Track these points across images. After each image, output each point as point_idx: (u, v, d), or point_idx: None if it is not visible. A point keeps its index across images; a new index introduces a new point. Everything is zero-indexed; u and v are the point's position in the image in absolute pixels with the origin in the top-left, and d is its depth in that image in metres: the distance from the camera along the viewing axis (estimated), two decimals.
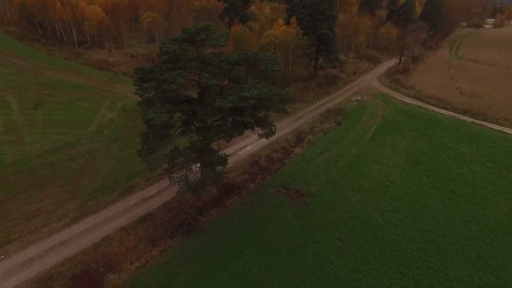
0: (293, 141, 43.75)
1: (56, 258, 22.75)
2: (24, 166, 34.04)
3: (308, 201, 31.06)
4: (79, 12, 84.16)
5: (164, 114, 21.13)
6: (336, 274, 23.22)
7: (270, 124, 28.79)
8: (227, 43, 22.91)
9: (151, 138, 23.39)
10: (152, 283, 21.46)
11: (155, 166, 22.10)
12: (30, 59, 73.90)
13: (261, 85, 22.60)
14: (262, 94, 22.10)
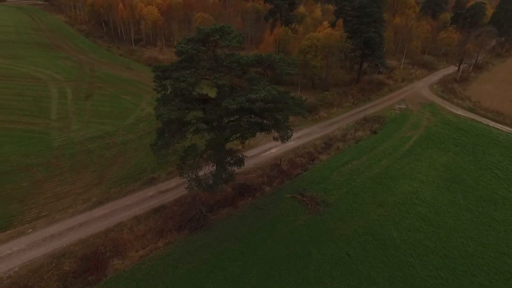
0: (321, 147, 42.45)
1: (72, 238, 24.81)
2: (66, 151, 37.59)
3: (322, 210, 29.96)
4: (137, 12, 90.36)
5: (173, 112, 21.89)
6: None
7: (287, 128, 28.28)
8: (240, 44, 22.95)
9: (165, 134, 24.39)
10: (151, 272, 22.37)
11: (161, 160, 22.99)
12: (91, 54, 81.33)
13: (270, 87, 22.26)
14: (269, 96, 21.76)
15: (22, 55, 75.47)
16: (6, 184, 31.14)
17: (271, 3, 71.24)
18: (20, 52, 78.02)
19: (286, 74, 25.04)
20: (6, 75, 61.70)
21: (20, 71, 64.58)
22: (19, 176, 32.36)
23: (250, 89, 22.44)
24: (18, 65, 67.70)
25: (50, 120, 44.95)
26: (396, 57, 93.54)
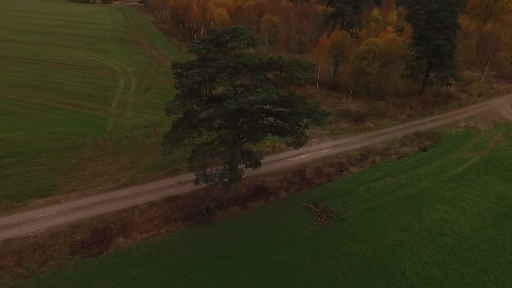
0: (356, 159, 39.96)
1: (92, 213, 27.90)
2: (114, 136, 42.15)
3: (333, 224, 28.34)
4: (208, 14, 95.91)
5: (179, 107, 23.11)
6: None
7: (301, 134, 27.47)
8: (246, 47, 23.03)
9: (178, 128, 25.85)
10: (145, 255, 23.96)
11: (166, 153, 24.39)
12: (163, 51, 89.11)
13: (272, 90, 21.88)
14: (268, 99, 21.41)
15: (109, 50, 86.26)
16: (60, 158, 36.29)
17: (333, 6, 69.03)
18: (108, 47, 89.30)
19: (297, 79, 24.29)
20: (90, 66, 71.31)
21: (102, 63, 73.94)
22: (71, 153, 37.42)
23: (253, 91, 22.44)
24: (102, 58, 77.66)
25: (110, 107, 50.77)
26: (480, 68, 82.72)
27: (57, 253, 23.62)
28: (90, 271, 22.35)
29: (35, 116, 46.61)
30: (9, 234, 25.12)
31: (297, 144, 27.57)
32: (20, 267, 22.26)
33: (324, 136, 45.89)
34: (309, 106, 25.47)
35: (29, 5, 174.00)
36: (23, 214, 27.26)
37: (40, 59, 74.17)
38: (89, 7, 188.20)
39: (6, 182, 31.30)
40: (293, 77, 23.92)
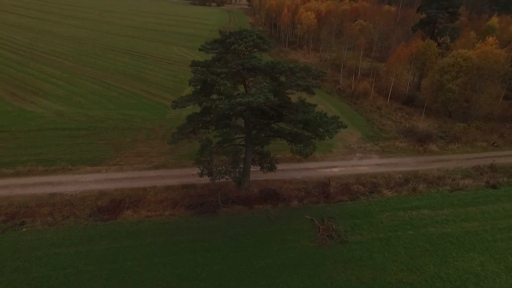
0: (396, 182, 35.74)
1: (119, 185, 32.17)
2: (169, 124, 47.01)
3: (332, 244, 26.36)
4: (297, 17, 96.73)
5: (185, 102, 24.91)
6: None
7: (307, 144, 26.29)
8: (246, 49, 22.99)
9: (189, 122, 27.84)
10: (141, 231, 26.58)
11: (170, 142, 26.50)
12: None
13: (261, 94, 21.53)
14: (254, 102, 21.13)
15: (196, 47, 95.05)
16: (119, 136, 42.53)
17: (424, 12, 61.51)
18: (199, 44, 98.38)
19: (296, 86, 23.33)
20: (178, 61, 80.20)
21: (188, 58, 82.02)
22: (129, 133, 43.44)
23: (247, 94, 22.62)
24: (190, 54, 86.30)
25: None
26: None
27: (79, 212, 28.25)
28: (94, 233, 26.14)
29: (118, 99, 55.32)
30: (56, 189, 31.05)
31: (301, 154, 26.56)
32: (50, 217, 27.47)
33: (371, 153, 42.18)
34: (309, 116, 24.15)
35: (154, 6, 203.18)
36: (72, 176, 33.24)
37: (142, 52, 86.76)
38: (202, 9, 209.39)
39: (72, 149, 38.43)
40: (292, 83, 23.13)
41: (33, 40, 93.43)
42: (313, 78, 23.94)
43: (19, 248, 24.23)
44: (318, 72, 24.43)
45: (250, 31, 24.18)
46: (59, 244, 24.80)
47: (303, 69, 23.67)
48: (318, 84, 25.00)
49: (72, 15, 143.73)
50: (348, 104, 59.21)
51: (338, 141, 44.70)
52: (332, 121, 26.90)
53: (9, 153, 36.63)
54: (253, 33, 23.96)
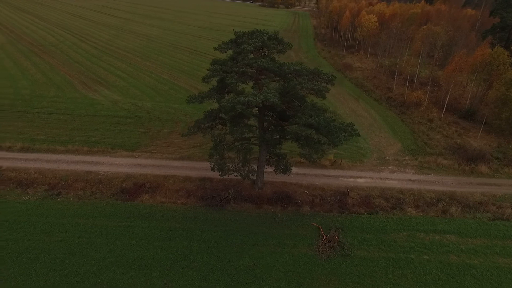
0: (425, 201, 32.67)
1: (144, 171, 34.88)
2: None
3: (331, 255, 25.33)
4: (358, 20, 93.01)
5: (200, 99, 26.16)
6: None
7: (316, 149, 25.56)
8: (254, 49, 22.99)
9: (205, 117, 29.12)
10: (153, 214, 28.61)
11: (184, 134, 27.90)
12: (301, 53, 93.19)
13: (261, 94, 21.50)
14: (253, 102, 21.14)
15: None
16: (158, 127, 45.95)
17: (498, 16, 54.06)
18: None
19: (301, 89, 22.78)
20: None
21: None
22: (168, 125, 46.64)
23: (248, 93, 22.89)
24: None
25: None
26: None
27: (105, 191, 31.48)
28: (112, 210, 28.94)
29: (167, 93, 59.58)
30: (93, 168, 34.91)
31: (308, 159, 25.93)
32: (81, 191, 31.13)
33: (407, 167, 39.04)
34: (313, 120, 23.45)
35: (225, 8, 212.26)
36: (109, 158, 37.05)
37: (202, 51, 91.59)
38: (269, 11, 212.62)
39: (115, 134, 42.70)
40: (297, 85, 22.72)
41: (113, 37, 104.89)
42: (323, 81, 23.18)
43: (50, 214, 28.00)
44: (328, 76, 23.61)
45: (262, 32, 24.42)
46: (81, 216, 28.03)
47: (312, 72, 23.10)
48: (326, 88, 24.12)
49: (152, 15, 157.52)
50: (395, 113, 55.31)
51: (373, 151, 42.32)
52: (345, 128, 25.90)
53: (65, 133, 42.16)
54: (264, 33, 24.16)
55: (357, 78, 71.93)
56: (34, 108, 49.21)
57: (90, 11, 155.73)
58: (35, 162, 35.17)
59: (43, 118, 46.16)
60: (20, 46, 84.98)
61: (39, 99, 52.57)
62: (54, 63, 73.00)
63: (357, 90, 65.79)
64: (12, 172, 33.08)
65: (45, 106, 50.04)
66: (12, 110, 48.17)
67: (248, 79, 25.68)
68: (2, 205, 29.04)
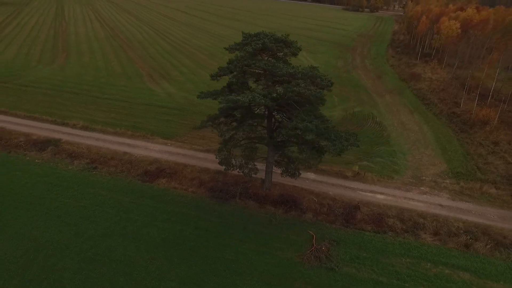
0: (449, 230, 29.04)
1: (170, 158, 37.97)
2: None
3: (315, 266, 24.53)
4: (437, 26, 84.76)
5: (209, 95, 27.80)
6: None
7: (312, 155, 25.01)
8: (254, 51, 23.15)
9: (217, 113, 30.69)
10: (163, 196, 31.28)
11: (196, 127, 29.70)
12: (367, 60, 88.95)
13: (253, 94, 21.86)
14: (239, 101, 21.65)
15: (318, 51, 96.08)
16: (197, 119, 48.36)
17: None
18: (321, 49, 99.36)
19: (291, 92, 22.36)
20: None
21: (303, 63, 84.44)
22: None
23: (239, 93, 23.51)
24: (307, 59, 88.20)
25: None
26: None
27: (132, 171, 35.39)
28: (130, 188, 32.49)
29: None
30: (129, 150, 39.38)
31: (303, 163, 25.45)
32: (113, 168, 35.59)
33: (443, 190, 34.96)
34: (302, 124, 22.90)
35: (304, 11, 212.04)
36: (145, 143, 41.33)
37: None
38: (350, 15, 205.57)
39: (158, 123, 47.18)
40: (288, 89, 22.54)
41: (189, 35, 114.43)
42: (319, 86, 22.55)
43: (83, 184, 32.79)
44: (325, 82, 22.77)
45: (266, 34, 24.77)
46: (105, 189, 32.19)
47: (308, 76, 22.63)
48: (320, 93, 23.30)
49: (231, 17, 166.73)
50: (453, 131, 49.32)
51: (409, 168, 38.90)
52: (347, 137, 24.84)
53: (120, 118, 48.22)
54: (268, 36, 24.46)
55: (421, 89, 65.88)
56: (104, 94, 57.22)
57: (178, 12, 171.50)
58: (87, 139, 41.22)
59: (108, 104, 53.42)
60: (113, 41, 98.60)
61: (110, 87, 60.84)
62: (133, 57, 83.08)
63: (416, 102, 60.41)
64: (67, 145, 39.42)
65: (113, 94, 57.73)
66: (87, 94, 56.81)
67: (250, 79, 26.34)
68: (53, 170, 34.96)
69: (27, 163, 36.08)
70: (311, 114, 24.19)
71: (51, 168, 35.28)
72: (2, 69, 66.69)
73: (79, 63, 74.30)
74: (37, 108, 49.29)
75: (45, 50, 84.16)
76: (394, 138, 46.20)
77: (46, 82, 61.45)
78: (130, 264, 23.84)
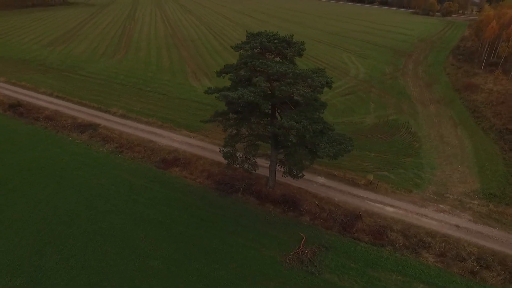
0: (457, 253, 26.41)
1: (189, 149, 39.98)
2: None
3: (296, 267, 24.28)
4: (507, 32, 75.85)
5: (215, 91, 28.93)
6: None
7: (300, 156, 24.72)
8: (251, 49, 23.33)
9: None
10: (170, 183, 33.29)
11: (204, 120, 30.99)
12: (421, 67, 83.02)
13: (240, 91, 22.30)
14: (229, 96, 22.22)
15: (370, 56, 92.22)
16: None
17: None
18: (372, 54, 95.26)
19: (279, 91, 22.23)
20: (336, 67, 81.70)
21: (346, 66, 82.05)
22: None
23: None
24: (353, 62, 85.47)
25: None
26: None
27: (152, 158, 38.16)
28: (145, 173, 35.12)
29: None
30: (155, 139, 42.35)
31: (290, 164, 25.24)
32: (136, 153, 38.74)
33: (466, 211, 31.73)
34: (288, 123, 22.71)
35: (366, 15, 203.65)
36: (171, 133, 44.07)
37: (311, 55, 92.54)
38: (417, 19, 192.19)
39: (188, 116, 49.76)
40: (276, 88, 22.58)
41: (241, 36, 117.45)
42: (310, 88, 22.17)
43: (107, 164, 36.37)
44: (316, 83, 22.22)
45: (266, 34, 25.01)
46: (124, 171, 35.33)
47: (300, 76, 22.35)
48: (311, 95, 22.80)
49: (288, 19, 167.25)
50: (502, 149, 43.94)
51: (433, 184, 36.00)
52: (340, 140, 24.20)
53: (155, 109, 52.00)
54: (267, 35, 24.69)
55: (474, 101, 59.62)
56: (147, 87, 62.10)
57: (238, 13, 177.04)
58: (122, 126, 45.37)
59: (148, 96, 57.90)
60: (170, 39, 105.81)
61: (155, 81, 65.73)
62: (184, 55, 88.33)
63: (464, 115, 54.96)
64: (104, 130, 43.88)
65: (156, 87, 62.34)
66: (133, 87, 62.17)
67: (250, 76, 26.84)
68: (86, 151, 39.32)
69: (68, 142, 41.04)
70: (303, 114, 23.91)
71: (85, 149, 39.68)
72: (70, 61, 75.98)
73: (134, 58, 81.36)
74: (88, 95, 55.45)
75: (110, 46, 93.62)
76: (426, 151, 42.79)
77: (102, 73, 68.61)
78: (125, 240, 26.07)
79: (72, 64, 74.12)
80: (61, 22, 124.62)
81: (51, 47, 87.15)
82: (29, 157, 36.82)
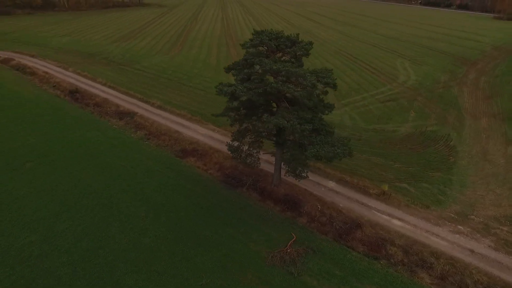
0: (461, 279, 23.91)
1: (208, 142, 41.66)
2: None
3: (277, 265, 24.25)
4: None
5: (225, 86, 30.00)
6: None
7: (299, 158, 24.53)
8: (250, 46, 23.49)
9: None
10: (183, 171, 35.26)
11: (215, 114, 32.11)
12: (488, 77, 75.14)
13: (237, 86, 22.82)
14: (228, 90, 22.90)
15: (425, 62, 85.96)
16: None
17: None
18: (428, 60, 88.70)
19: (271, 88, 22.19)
20: (385, 72, 77.92)
21: (400, 73, 77.59)
22: None
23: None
24: (407, 70, 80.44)
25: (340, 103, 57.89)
26: None
27: (174, 147, 40.66)
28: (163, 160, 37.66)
29: None
30: (182, 130, 44.96)
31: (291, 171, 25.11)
32: (161, 141, 41.63)
33: (487, 236, 28.40)
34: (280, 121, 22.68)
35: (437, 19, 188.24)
36: (197, 126, 46.32)
37: (361, 59, 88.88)
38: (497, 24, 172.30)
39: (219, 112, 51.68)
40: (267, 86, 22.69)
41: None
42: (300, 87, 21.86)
43: (133, 149, 39.77)
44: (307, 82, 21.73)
45: (269, 32, 25.19)
46: (146, 156, 38.34)
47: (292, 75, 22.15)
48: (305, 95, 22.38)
49: (347, 22, 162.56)
50: None
51: (458, 203, 32.81)
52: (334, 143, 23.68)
53: (190, 103, 54.95)
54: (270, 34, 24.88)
55: None
56: (190, 82, 65.80)
57: (297, 15, 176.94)
58: (156, 115, 48.98)
59: (188, 90, 61.38)
60: (223, 38, 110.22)
61: (197, 77, 69.31)
62: (233, 54, 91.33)
63: None
64: (139, 118, 47.85)
65: (197, 83, 65.77)
66: (177, 81, 66.39)
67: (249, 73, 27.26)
68: (120, 135, 43.38)
69: (107, 127, 45.64)
70: (295, 113, 23.72)
71: (119, 133, 43.78)
72: (130, 56, 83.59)
73: (185, 55, 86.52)
74: (135, 86, 60.69)
75: (168, 43, 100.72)
76: (461, 167, 38.87)
77: (154, 68, 74.33)
78: (128, 217, 28.46)
79: (131, 58, 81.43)
80: (132, 21, 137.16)
81: (117, 43, 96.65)
82: (72, 136, 41.82)
